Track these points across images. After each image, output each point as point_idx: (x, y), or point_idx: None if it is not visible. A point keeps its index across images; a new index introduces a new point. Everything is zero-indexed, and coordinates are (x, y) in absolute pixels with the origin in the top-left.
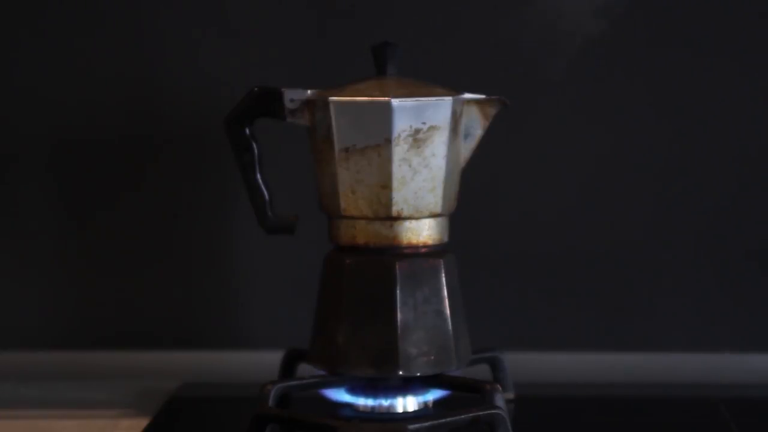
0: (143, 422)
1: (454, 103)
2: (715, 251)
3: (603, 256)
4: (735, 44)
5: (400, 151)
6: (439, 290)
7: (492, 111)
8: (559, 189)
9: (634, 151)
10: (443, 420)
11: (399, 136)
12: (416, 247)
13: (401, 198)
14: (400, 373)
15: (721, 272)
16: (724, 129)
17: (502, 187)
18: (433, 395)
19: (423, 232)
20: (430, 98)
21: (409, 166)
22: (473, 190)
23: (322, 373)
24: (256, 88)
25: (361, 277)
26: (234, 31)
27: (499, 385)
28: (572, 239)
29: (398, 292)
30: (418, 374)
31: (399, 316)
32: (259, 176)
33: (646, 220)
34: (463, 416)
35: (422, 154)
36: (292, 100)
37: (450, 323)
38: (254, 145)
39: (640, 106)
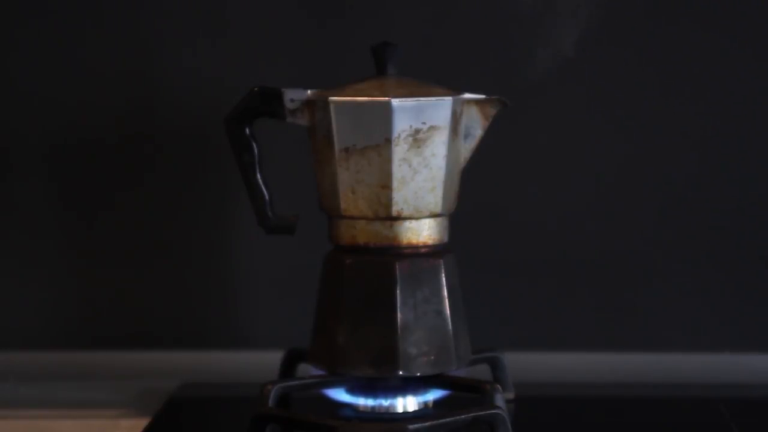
0: (143, 422)
1: (454, 103)
2: (715, 251)
3: (603, 256)
4: (744, 44)
5: (400, 151)
6: (439, 290)
7: (492, 111)
8: (559, 188)
9: (635, 150)
10: (443, 420)
11: (399, 136)
12: (416, 247)
13: (401, 198)
14: (400, 373)
15: (720, 272)
16: (726, 129)
17: (502, 187)
18: (433, 395)
19: (423, 232)
20: (430, 98)
21: (409, 166)
22: (474, 190)
23: (322, 373)
24: (256, 88)
25: (361, 277)
26: (234, 31)
27: (499, 385)
28: (572, 239)
29: (398, 292)
30: (418, 374)
31: (399, 316)
32: (259, 176)
33: (645, 220)
34: (463, 416)
35: (422, 154)
36: (292, 100)
37: (450, 323)
38: (254, 145)
39: (644, 105)
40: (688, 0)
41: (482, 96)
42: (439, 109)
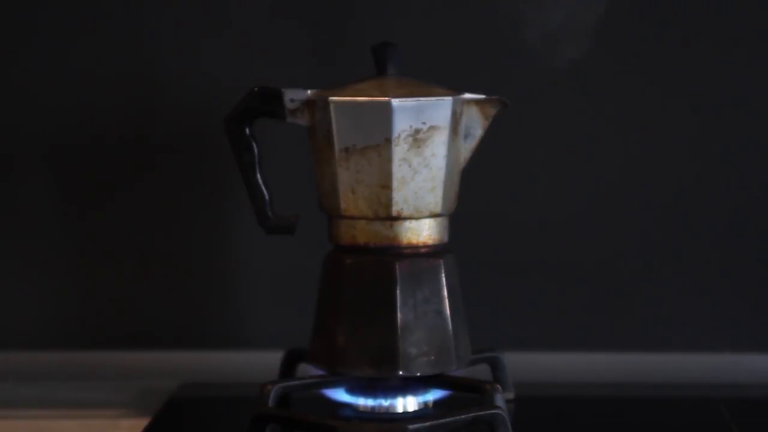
0: (143, 422)
1: (454, 103)
2: (715, 251)
3: (603, 256)
4: (745, 45)
5: (400, 151)
6: (439, 290)
7: (492, 111)
8: (560, 188)
9: (635, 150)
10: (443, 420)
11: (399, 136)
12: (416, 247)
13: (401, 198)
14: (400, 373)
15: (720, 272)
16: (726, 129)
17: (502, 187)
18: (433, 395)
19: (423, 232)
20: (430, 98)
21: (409, 166)
22: (474, 190)
23: (322, 373)
24: (256, 88)
25: (361, 277)
26: (234, 31)
27: (499, 385)
28: (572, 239)
29: (398, 292)
30: (418, 374)
31: (399, 316)
32: (259, 176)
33: (645, 220)
34: (463, 416)
35: (422, 154)
36: (292, 100)
37: (450, 323)
38: (254, 145)
39: (644, 105)
40: (688, 2)
41: (482, 96)
42: (439, 109)
